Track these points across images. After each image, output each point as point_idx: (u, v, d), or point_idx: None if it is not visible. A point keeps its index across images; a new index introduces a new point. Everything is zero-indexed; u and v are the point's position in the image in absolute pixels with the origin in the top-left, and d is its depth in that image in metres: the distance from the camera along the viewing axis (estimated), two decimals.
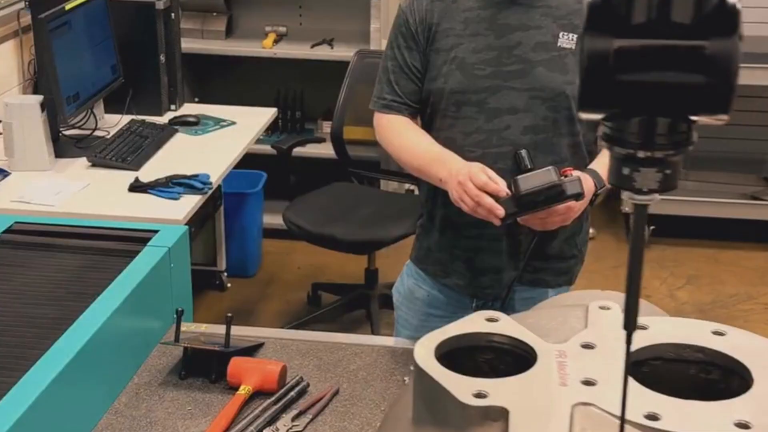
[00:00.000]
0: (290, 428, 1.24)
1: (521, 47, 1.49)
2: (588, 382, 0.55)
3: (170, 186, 2.11)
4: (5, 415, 0.96)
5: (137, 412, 1.20)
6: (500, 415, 0.53)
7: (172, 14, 2.63)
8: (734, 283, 2.98)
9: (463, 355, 0.65)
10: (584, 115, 0.47)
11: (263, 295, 3.06)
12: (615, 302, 0.67)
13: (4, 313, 1.26)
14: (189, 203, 2.05)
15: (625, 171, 0.48)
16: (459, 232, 1.56)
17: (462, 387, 0.55)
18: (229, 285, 3.03)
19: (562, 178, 1.35)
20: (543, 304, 0.89)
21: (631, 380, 0.53)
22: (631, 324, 0.49)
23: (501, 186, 1.34)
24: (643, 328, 0.64)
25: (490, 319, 0.66)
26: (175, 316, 1.28)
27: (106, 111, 2.60)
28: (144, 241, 1.43)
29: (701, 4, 0.45)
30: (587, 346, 0.61)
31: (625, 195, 0.48)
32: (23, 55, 2.67)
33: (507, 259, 1.55)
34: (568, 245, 1.60)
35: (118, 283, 1.30)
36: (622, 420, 0.51)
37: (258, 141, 2.72)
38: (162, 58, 2.60)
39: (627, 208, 3.11)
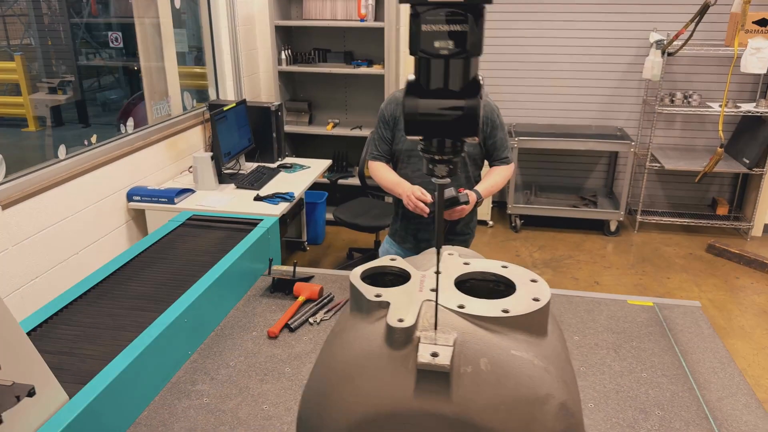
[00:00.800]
0: (322, 318, 1.73)
1: None
2: (432, 290, 0.83)
3: (274, 197, 3.17)
4: (182, 306, 1.58)
5: (248, 309, 1.77)
6: (386, 305, 0.80)
7: (279, 112, 3.91)
8: (562, 249, 4.31)
9: (377, 276, 0.94)
10: (410, 138, 0.85)
11: (325, 254, 4.40)
12: (456, 251, 0.96)
13: (185, 258, 1.86)
14: (282, 206, 3.10)
15: (431, 166, 0.78)
16: (409, 221, 2.29)
17: (369, 291, 0.84)
18: (308, 248, 4.36)
19: (458, 193, 2.03)
20: (423, 252, 1.03)
21: (453, 288, 0.83)
22: (439, 245, 0.83)
23: (427, 197, 2.05)
24: (467, 264, 0.92)
25: (392, 259, 0.94)
26: (269, 261, 1.89)
27: (246, 160, 3.85)
28: (255, 224, 2.03)
29: (464, 80, 0.71)
30: (437, 272, 0.85)
31: (433, 179, 0.77)
32: (206, 132, 3.88)
33: (434, 234, 2.20)
34: (466, 227, 2.33)
35: (241, 244, 1.88)
36: (436, 304, 0.80)
37: (323, 177, 4.13)
38: (274, 134, 3.84)
39: (509, 210, 4.55)
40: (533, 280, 0.86)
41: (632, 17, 4.68)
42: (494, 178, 2.22)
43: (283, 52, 4.54)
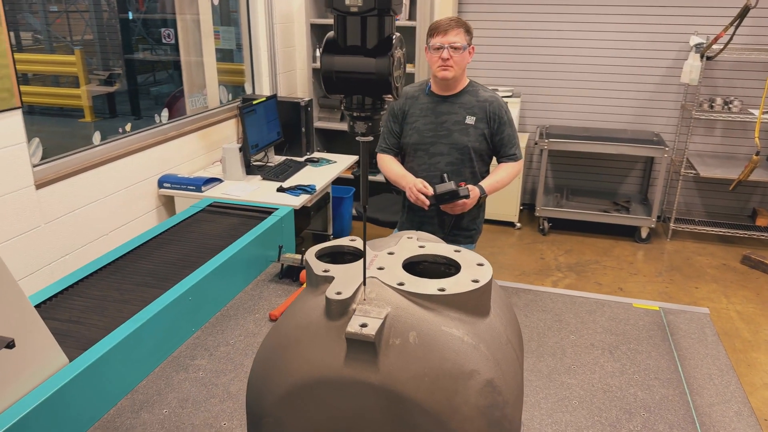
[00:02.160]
0: None
1: (447, 123, 2.21)
2: (380, 268, 0.89)
3: (295, 189, 3.29)
4: (195, 279, 1.70)
5: (255, 293, 1.89)
6: (331, 280, 0.86)
7: (309, 108, 4.00)
8: (589, 254, 4.24)
9: (337, 255, 0.98)
10: (331, 96, 0.79)
11: None
12: (416, 235, 1.00)
13: (198, 241, 2.00)
14: (302, 198, 3.21)
15: (351, 123, 0.81)
16: (414, 213, 2.38)
17: (318, 267, 0.90)
18: None
19: (458, 187, 2.12)
20: (391, 235, 1.07)
21: (399, 267, 0.87)
22: (365, 201, 0.90)
23: (429, 190, 2.14)
24: (422, 246, 0.97)
25: (352, 240, 0.99)
26: (279, 248, 2.05)
27: (275, 153, 3.96)
28: (270, 213, 2.19)
29: (376, 38, 0.75)
30: (390, 253, 0.94)
31: (357, 138, 0.81)
32: (239, 125, 4.00)
33: (438, 228, 2.35)
34: (471, 223, 2.39)
35: (252, 231, 2.03)
36: (364, 277, 0.84)
37: (351, 173, 4.24)
38: (303, 129, 3.94)
39: (537, 213, 4.53)
40: (479, 264, 0.89)
41: (673, 19, 4.56)
42: (500, 174, 2.25)
43: (318, 49, 4.63)
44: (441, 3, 4.55)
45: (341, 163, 3.92)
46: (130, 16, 3.86)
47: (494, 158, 2.39)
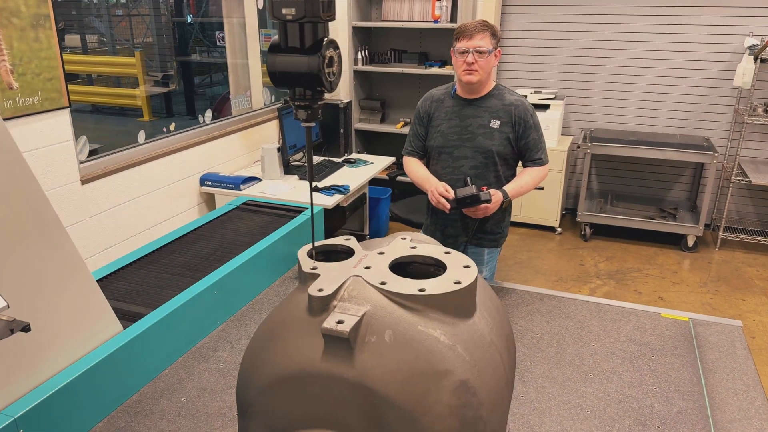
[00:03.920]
0: None
1: (471, 126, 2.21)
2: (367, 267, 0.90)
3: (329, 189, 3.37)
4: (221, 273, 1.78)
5: (281, 289, 2.02)
6: (317, 277, 0.89)
7: (348, 109, 4.10)
8: (631, 261, 4.10)
9: (332, 253, 1.00)
10: (278, 87, 0.86)
11: None
12: (410, 236, 1.02)
13: (228, 238, 2.12)
14: (337, 198, 3.29)
15: (294, 111, 0.93)
16: (438, 216, 2.38)
17: (307, 263, 0.93)
18: None
19: (480, 191, 2.09)
20: (389, 236, 1.06)
21: (386, 267, 0.89)
22: (311, 181, 1.00)
23: (450, 193, 2.11)
24: (413, 247, 0.98)
25: (347, 239, 1.01)
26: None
27: (314, 154, 4.00)
28: (301, 212, 2.31)
29: (314, 38, 0.85)
30: (381, 253, 0.95)
31: (302, 124, 0.94)
32: (279, 126, 4.25)
33: (461, 231, 2.34)
34: (496, 227, 2.36)
35: (281, 229, 2.14)
36: (312, 256, 0.94)
37: (387, 174, 4.10)
38: (342, 130, 4.05)
39: (579, 218, 4.46)
40: (466, 266, 0.91)
41: (727, 20, 4.39)
42: (525, 178, 2.23)
43: (360, 52, 4.68)
44: (484, 5, 4.53)
45: (378, 164, 3.96)
46: (189, 19, 4.01)
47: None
